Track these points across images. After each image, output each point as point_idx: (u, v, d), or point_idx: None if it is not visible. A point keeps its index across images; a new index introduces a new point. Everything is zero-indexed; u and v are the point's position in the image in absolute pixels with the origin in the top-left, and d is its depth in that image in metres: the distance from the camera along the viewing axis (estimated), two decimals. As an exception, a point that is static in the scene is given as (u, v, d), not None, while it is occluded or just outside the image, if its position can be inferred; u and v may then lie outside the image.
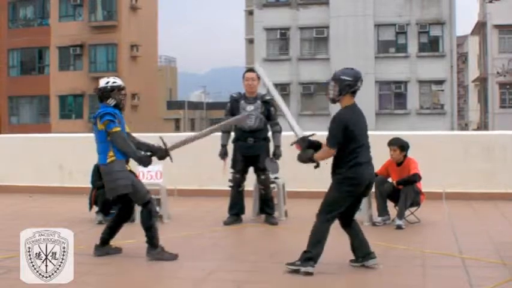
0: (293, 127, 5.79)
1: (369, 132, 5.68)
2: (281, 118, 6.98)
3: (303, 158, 5.68)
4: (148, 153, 6.25)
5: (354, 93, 5.55)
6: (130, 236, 7.23)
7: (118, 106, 6.16)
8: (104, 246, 6.31)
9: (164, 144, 6.27)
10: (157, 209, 6.08)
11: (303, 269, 5.48)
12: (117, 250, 6.38)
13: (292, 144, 5.79)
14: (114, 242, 6.38)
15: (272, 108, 8.10)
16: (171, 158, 6.36)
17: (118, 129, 6.00)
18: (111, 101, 6.13)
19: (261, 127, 8.04)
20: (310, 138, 5.72)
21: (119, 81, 6.23)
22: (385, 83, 34.72)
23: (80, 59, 43.58)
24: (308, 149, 5.67)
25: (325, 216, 5.54)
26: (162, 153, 6.25)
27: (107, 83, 6.18)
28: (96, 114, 6.13)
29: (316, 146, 5.70)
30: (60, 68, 43.71)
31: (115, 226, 6.36)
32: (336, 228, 7.79)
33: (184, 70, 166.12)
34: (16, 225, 5.91)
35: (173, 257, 6.07)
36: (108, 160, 6.03)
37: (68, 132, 27.19)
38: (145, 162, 6.20)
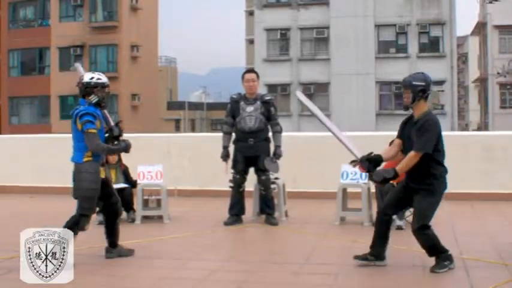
0: (350, 150, 5.68)
1: (369, 133, 5.68)
2: (283, 119, 6.88)
3: (382, 178, 5.52)
4: (115, 133, 6.06)
5: (426, 98, 5.54)
6: (131, 236, 7.24)
7: (99, 104, 5.90)
8: (115, 248, 6.21)
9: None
10: (87, 226, 5.97)
11: (449, 267, 5.56)
12: (130, 252, 6.25)
13: (353, 165, 5.69)
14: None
15: (272, 108, 8.12)
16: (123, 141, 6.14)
17: (94, 131, 5.75)
18: (94, 98, 5.86)
19: (261, 128, 8.04)
20: (370, 156, 5.56)
21: (103, 78, 5.95)
22: (385, 83, 34.68)
23: (80, 59, 43.50)
24: (371, 166, 5.52)
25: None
26: (118, 132, 6.09)
27: (91, 78, 5.89)
28: (76, 112, 5.84)
29: (378, 162, 5.58)
30: (60, 68, 43.72)
31: (109, 227, 6.22)
32: (336, 228, 7.81)
33: (185, 70, 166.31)
34: (16, 226, 5.91)
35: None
36: (85, 159, 5.83)
37: (68, 132, 27.05)
38: (123, 148, 6.05)
